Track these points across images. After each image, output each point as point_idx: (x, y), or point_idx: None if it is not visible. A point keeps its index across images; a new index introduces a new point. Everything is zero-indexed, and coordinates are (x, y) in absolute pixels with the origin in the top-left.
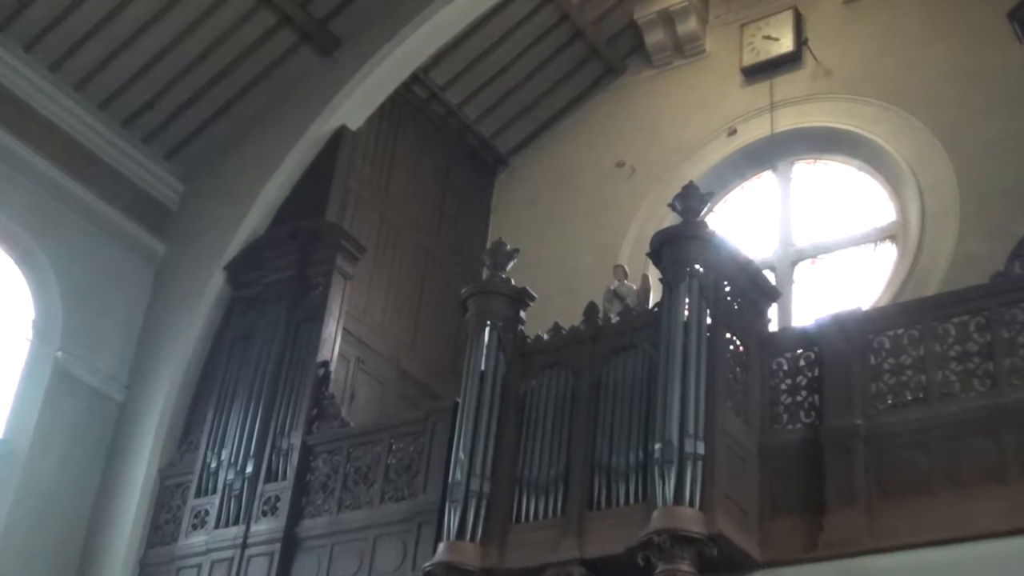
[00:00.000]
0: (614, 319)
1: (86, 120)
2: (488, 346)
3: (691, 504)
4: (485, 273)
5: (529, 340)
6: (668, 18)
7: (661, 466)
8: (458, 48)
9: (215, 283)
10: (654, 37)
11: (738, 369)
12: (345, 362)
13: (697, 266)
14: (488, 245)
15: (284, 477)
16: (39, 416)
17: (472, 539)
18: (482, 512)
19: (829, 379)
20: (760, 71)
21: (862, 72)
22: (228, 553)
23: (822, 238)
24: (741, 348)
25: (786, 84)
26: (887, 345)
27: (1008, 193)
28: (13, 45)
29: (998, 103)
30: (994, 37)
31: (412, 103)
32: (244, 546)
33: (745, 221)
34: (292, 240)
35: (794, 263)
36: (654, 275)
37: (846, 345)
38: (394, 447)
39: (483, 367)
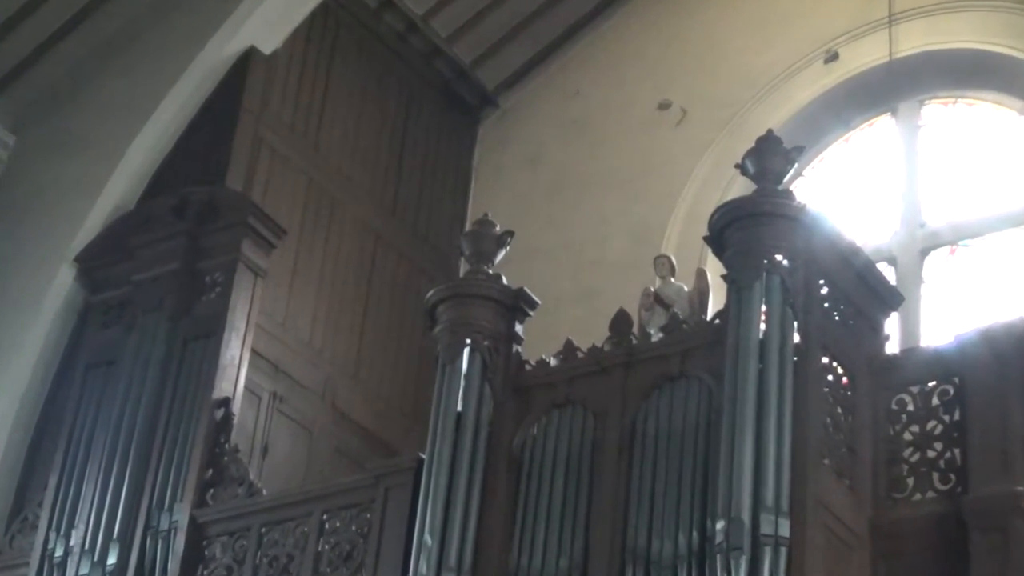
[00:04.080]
0: (655, 335)
1: None
2: (468, 375)
3: None
4: (464, 266)
5: (529, 366)
6: None
7: (726, 555)
8: None
9: (61, 282)
10: None
11: (840, 411)
12: (255, 400)
13: (779, 257)
14: (468, 224)
15: (164, 571)
16: None
17: None
18: None
19: (976, 425)
20: None
21: None
22: None
23: (965, 216)
24: (845, 379)
25: None
26: None
27: None
28: None
29: None
30: None
31: (355, 15)
32: None
33: (851, 190)
34: (176, 218)
35: (924, 253)
36: (715, 271)
37: (1001, 374)
38: (328, 526)
39: (460, 407)
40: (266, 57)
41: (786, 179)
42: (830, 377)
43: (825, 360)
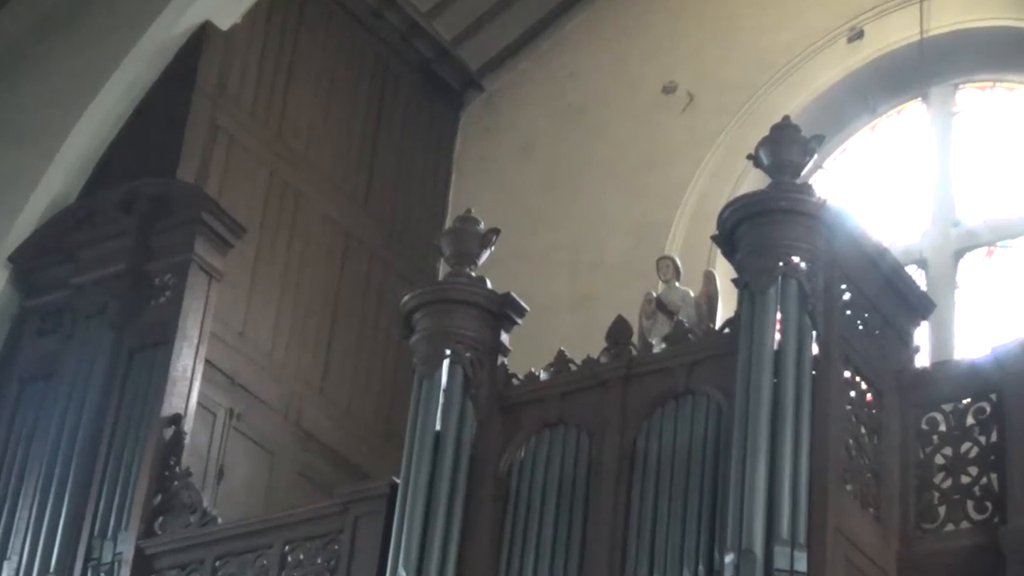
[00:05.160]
0: (658, 346)
1: None
2: (448, 391)
3: None
4: (444, 268)
5: (517, 381)
6: None
7: None
8: None
9: None
10: None
11: (864, 431)
12: (209, 417)
13: (797, 259)
14: (448, 222)
15: None
16: None
17: None
18: None
19: (1016, 448)
20: None
21: None
22: None
23: (1004, 213)
24: (870, 396)
25: None
26: None
27: None
28: None
29: None
30: None
31: None
32: None
33: (878, 184)
34: (122, 214)
35: (958, 255)
36: (724, 274)
37: None
38: (291, 558)
39: (439, 426)
40: (223, 33)
41: (804, 172)
42: (853, 393)
43: (847, 374)
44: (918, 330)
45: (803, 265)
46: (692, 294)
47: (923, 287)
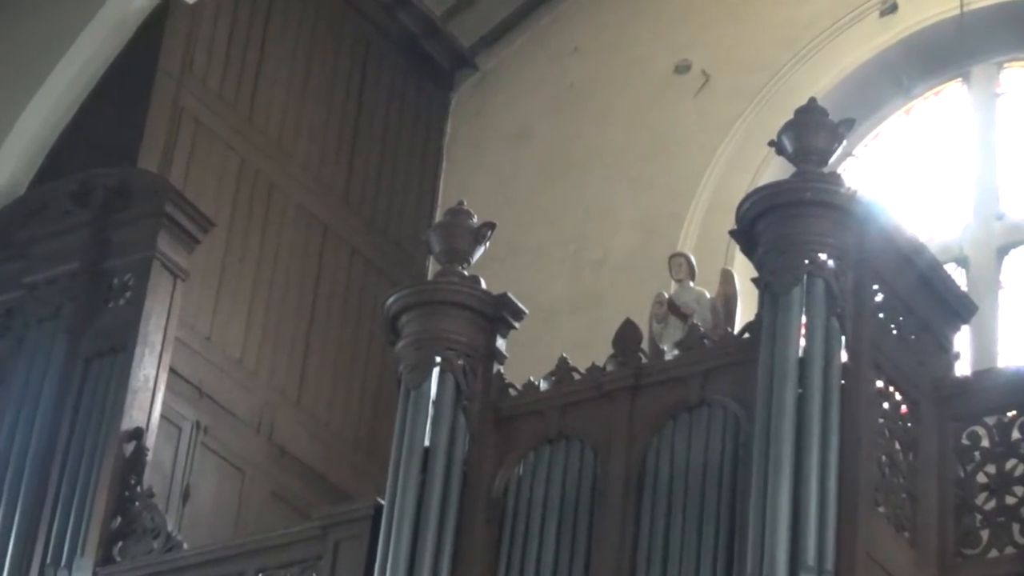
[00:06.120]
0: (670, 352)
1: None
2: (438, 402)
3: None
4: (433, 267)
5: (514, 391)
6: None
7: None
8: None
9: None
10: None
11: (899, 447)
12: (174, 431)
13: (823, 256)
14: (438, 214)
15: None
16: None
17: None
18: None
19: None
20: None
21: None
22: None
23: None
24: (905, 408)
25: None
26: None
27: None
28: None
29: None
30: None
31: None
32: None
33: (913, 173)
34: (77, 206)
35: (1002, 251)
36: (743, 273)
37: None
38: None
39: (428, 441)
40: (189, 6)
41: (832, 160)
42: (886, 405)
43: (880, 384)
44: (958, 335)
45: (831, 263)
46: (708, 295)
47: (964, 287)
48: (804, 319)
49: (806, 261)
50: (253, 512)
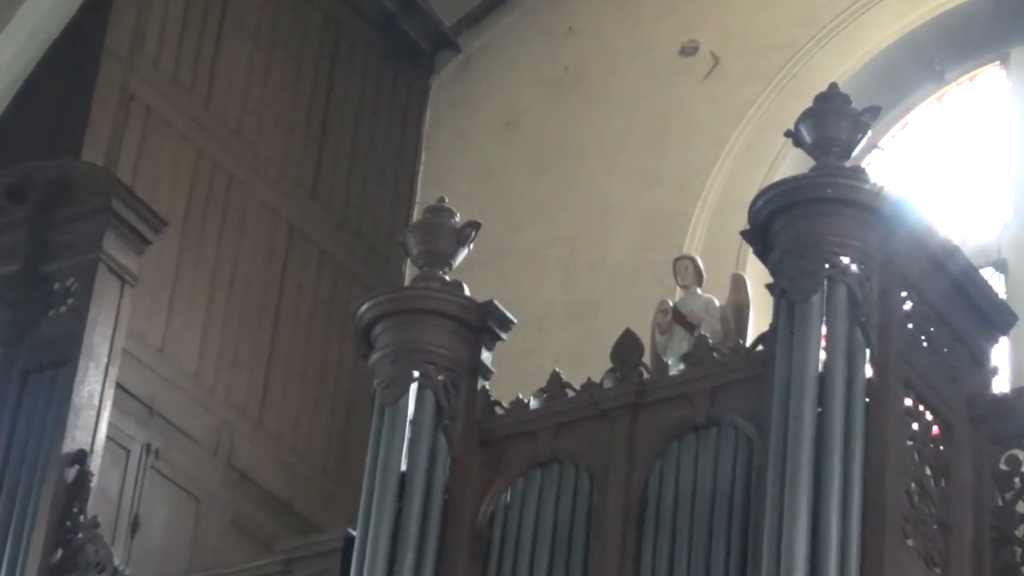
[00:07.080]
0: (675, 367)
1: None
2: (417, 422)
3: None
4: (410, 270)
5: (501, 409)
6: None
7: None
8: None
9: None
10: None
11: (930, 472)
12: (122, 454)
13: (846, 260)
14: (416, 212)
15: None
16: None
17: None
18: None
19: None
20: None
21: None
22: None
23: None
24: (937, 429)
25: None
26: None
27: None
28: None
29: None
30: None
31: None
32: None
33: (946, 167)
34: (12, 203)
35: None
36: (757, 278)
37: None
38: None
39: (405, 465)
40: None
41: (856, 152)
42: (916, 426)
43: (909, 402)
44: (995, 348)
45: (854, 267)
46: (716, 303)
47: (1002, 294)
48: (824, 329)
49: (827, 265)
50: (209, 544)
